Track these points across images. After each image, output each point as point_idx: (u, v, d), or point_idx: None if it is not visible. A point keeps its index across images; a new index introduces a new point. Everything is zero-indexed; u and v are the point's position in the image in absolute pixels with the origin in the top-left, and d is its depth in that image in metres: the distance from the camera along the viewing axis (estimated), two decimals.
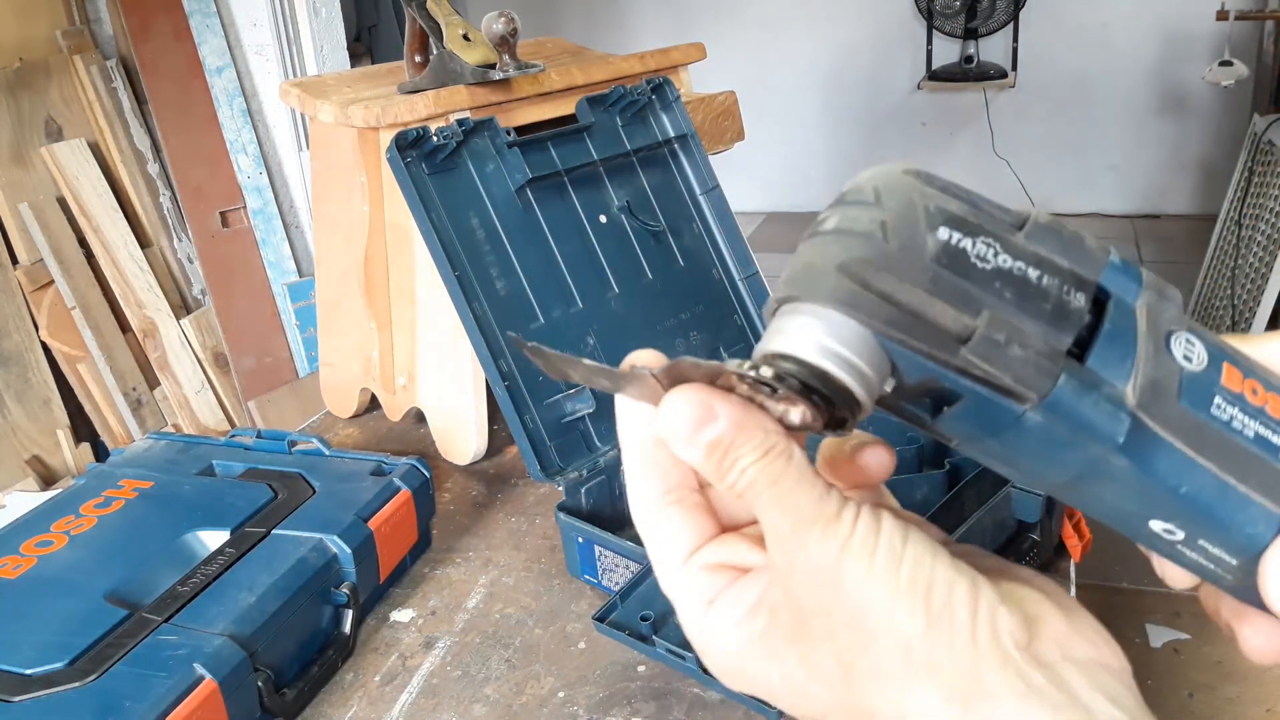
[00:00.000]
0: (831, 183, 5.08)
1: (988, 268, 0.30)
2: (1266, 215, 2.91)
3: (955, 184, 0.31)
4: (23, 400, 2.44)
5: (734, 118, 1.28)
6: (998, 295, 0.30)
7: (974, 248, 0.30)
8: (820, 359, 0.30)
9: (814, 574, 0.31)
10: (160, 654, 0.70)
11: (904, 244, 0.30)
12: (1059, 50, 4.55)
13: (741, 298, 1.10)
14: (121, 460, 0.99)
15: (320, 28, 2.68)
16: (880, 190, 0.31)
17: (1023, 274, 0.30)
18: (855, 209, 0.31)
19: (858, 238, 0.30)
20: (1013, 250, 0.31)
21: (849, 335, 0.30)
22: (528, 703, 0.77)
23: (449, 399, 1.11)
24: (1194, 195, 4.61)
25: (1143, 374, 0.31)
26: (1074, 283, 0.31)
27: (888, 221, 0.30)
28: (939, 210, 0.31)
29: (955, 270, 0.30)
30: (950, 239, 0.30)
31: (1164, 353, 0.31)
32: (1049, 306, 0.30)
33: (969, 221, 0.31)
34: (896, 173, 0.31)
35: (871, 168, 0.32)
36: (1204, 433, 0.31)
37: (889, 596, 0.30)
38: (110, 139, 2.64)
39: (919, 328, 0.30)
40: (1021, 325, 0.30)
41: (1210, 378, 0.31)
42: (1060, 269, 0.31)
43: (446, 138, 0.94)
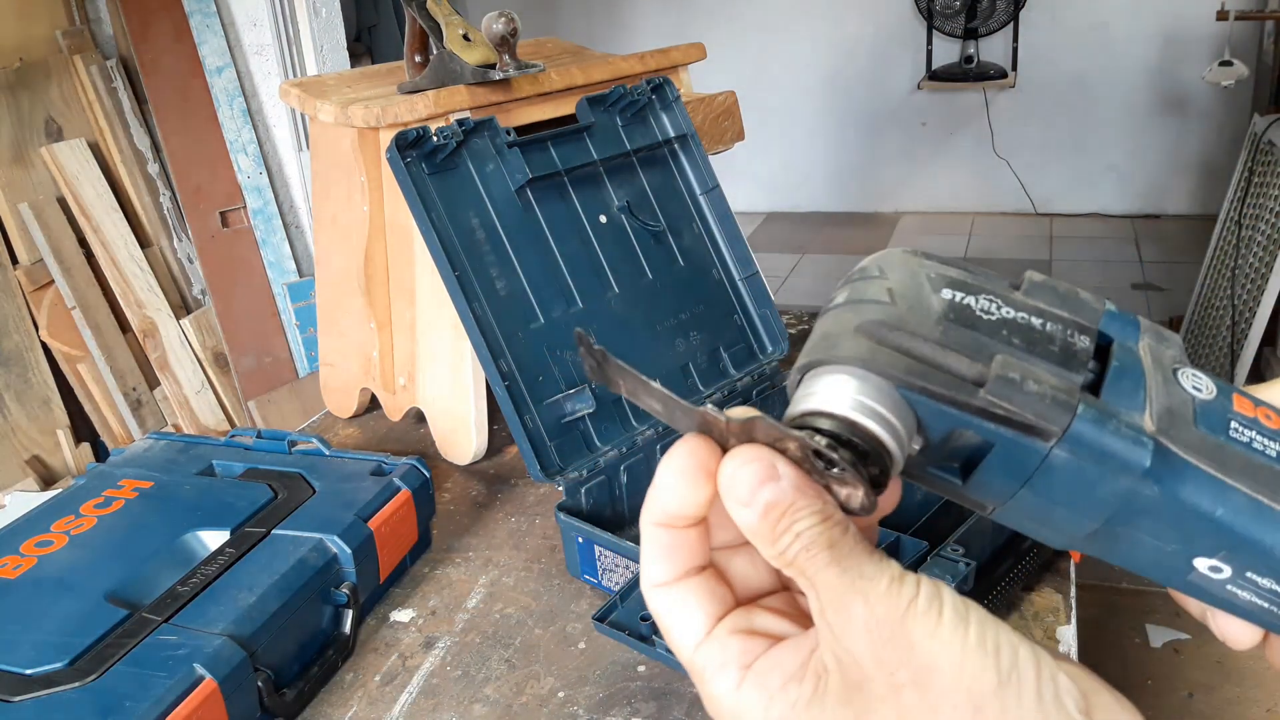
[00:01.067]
0: (831, 183, 5.09)
1: (993, 318, 0.32)
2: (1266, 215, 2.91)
3: (952, 259, 0.35)
4: (23, 400, 2.44)
5: (734, 118, 1.28)
6: (1006, 342, 0.32)
7: (977, 303, 0.33)
8: (851, 412, 0.31)
9: (878, 630, 0.30)
10: (160, 654, 0.70)
11: (912, 305, 0.33)
12: (1059, 50, 4.55)
13: (741, 298, 1.10)
14: (121, 460, 0.99)
15: (320, 28, 2.68)
16: (883, 266, 0.34)
17: (1026, 322, 0.33)
18: (862, 283, 0.34)
19: (869, 304, 0.33)
20: (1013, 303, 0.33)
21: (873, 389, 0.31)
22: (528, 703, 0.77)
23: (449, 399, 1.11)
24: (1194, 195, 4.61)
25: (1157, 403, 0.32)
26: (1076, 328, 0.33)
27: (895, 288, 0.33)
28: (940, 276, 0.34)
29: (963, 323, 0.32)
30: (954, 298, 0.33)
31: (1174, 384, 0.33)
32: (1056, 349, 0.32)
33: (969, 283, 0.33)
34: (897, 253, 0.35)
35: (872, 256, 0.36)
36: (1226, 453, 0.31)
37: (960, 655, 0.30)
38: (110, 139, 2.64)
39: (936, 375, 0.31)
40: (1033, 366, 0.31)
41: (1222, 405, 0.33)
42: (1061, 318, 0.33)
43: (446, 138, 0.94)
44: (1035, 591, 0.85)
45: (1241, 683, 1.93)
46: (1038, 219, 4.79)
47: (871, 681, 0.31)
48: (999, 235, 4.65)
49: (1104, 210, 4.75)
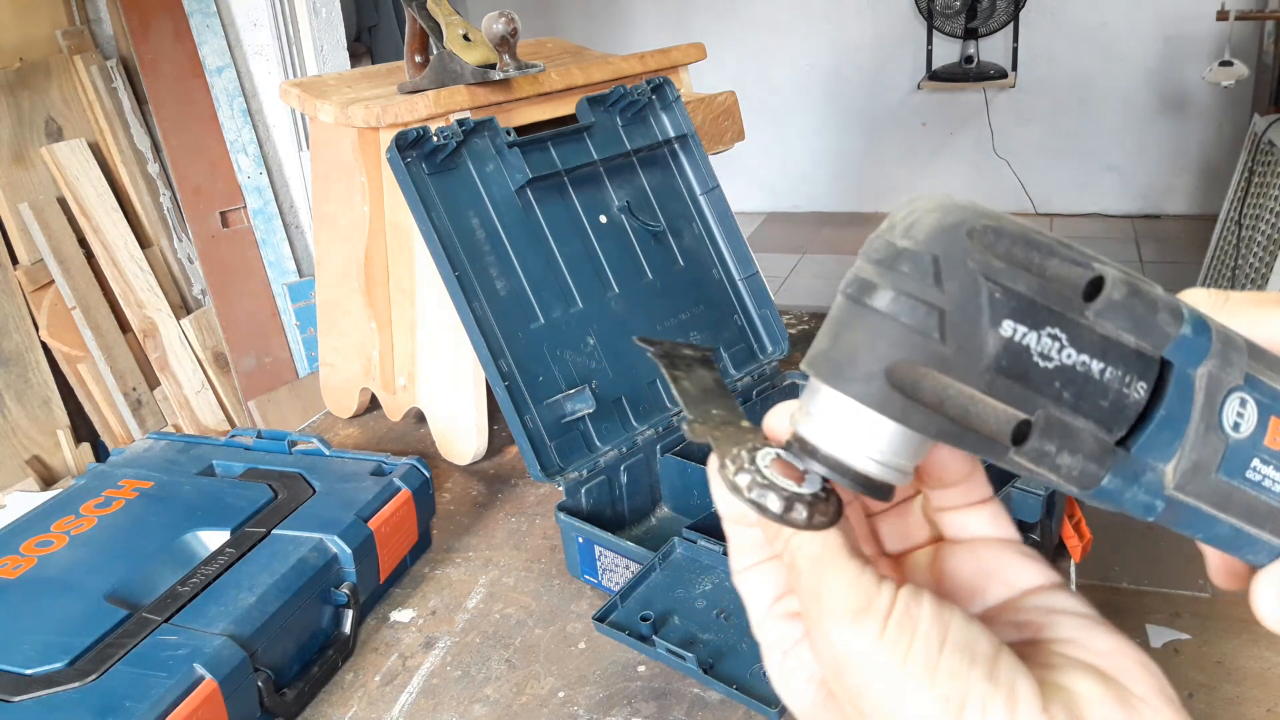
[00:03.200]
0: (831, 183, 5.09)
1: (1050, 366, 0.28)
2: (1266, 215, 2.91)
3: (1024, 235, 0.28)
4: (23, 400, 2.44)
5: (734, 118, 1.28)
6: (1055, 395, 0.29)
7: (1038, 343, 0.28)
8: (867, 465, 0.30)
9: (844, 663, 0.30)
10: (160, 654, 0.70)
11: (962, 344, 0.28)
12: (1059, 50, 4.55)
13: (741, 298, 1.10)
14: (121, 460, 0.99)
15: (320, 28, 2.68)
16: (941, 262, 0.28)
17: (1085, 369, 0.29)
18: (911, 283, 0.28)
19: (912, 335, 0.28)
20: (1078, 340, 0.29)
21: (897, 440, 0.30)
22: (528, 703, 0.77)
23: (449, 399, 1.11)
24: (1194, 195, 4.61)
25: (1187, 458, 0.31)
26: (1137, 369, 0.29)
27: (947, 313, 0.28)
28: (1005, 296, 0.28)
29: (1014, 373, 0.28)
30: (1014, 335, 0.28)
31: (1214, 430, 0.31)
32: (1107, 403, 0.29)
33: (1036, 306, 0.28)
34: (960, 233, 0.28)
35: (930, 203, 0.29)
36: (1233, 497, 0.32)
37: (922, 701, 0.28)
38: (110, 139, 2.64)
39: (969, 437, 0.29)
40: (1075, 424, 0.29)
41: (1254, 441, 0.31)
42: (1125, 353, 0.29)
43: (446, 138, 0.94)
44: None
45: (1241, 683, 1.93)
46: (1038, 219, 4.79)
47: (846, 706, 0.30)
48: None
49: (1104, 210, 4.75)
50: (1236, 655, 1.99)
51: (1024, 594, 0.34)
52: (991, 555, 0.35)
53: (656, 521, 0.97)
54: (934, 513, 0.36)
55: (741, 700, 0.72)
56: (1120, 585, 2.22)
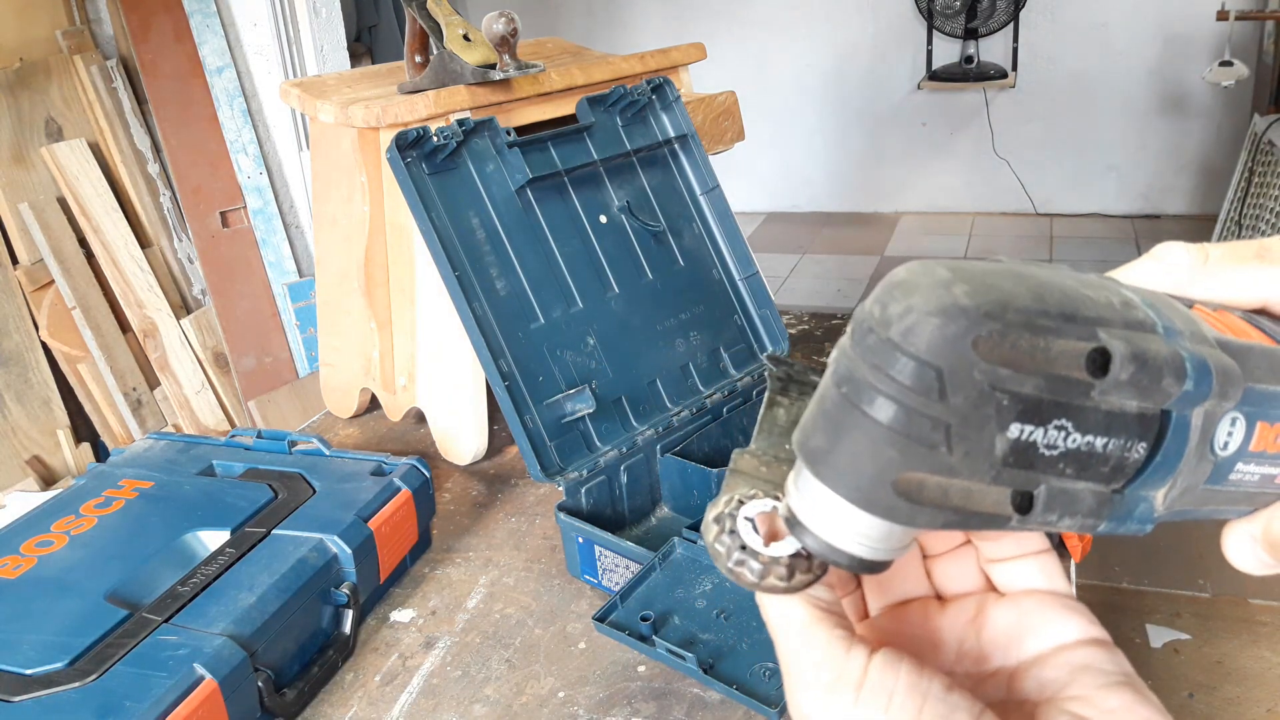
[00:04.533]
0: (831, 183, 5.09)
1: (1055, 453, 0.28)
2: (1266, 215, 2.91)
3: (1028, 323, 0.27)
4: (23, 400, 2.44)
5: (734, 118, 1.28)
6: (1059, 473, 0.29)
7: (1045, 436, 0.28)
8: (861, 551, 0.30)
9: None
10: (160, 654, 0.70)
11: (969, 450, 0.27)
12: (1059, 50, 4.55)
13: (741, 298, 1.10)
14: (121, 460, 0.99)
15: (320, 28, 2.68)
16: (945, 376, 0.27)
17: (1090, 447, 0.29)
18: (914, 398, 0.27)
19: (918, 448, 0.27)
20: (1084, 423, 0.28)
21: (899, 533, 0.30)
22: (528, 703, 0.77)
23: (449, 399, 1.11)
24: (1194, 195, 4.61)
25: (1178, 486, 0.31)
26: (1138, 432, 0.29)
27: (953, 426, 0.27)
28: (1012, 402, 0.27)
29: (1020, 465, 0.28)
30: (1021, 435, 0.27)
31: (1205, 457, 0.31)
32: (1107, 469, 0.29)
33: (1043, 403, 0.27)
34: (965, 344, 0.27)
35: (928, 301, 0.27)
36: (1214, 496, 0.32)
37: None
38: (110, 139, 2.64)
39: (972, 519, 0.29)
40: (1075, 488, 0.29)
41: (1239, 452, 0.32)
42: (1127, 421, 0.29)
43: (446, 138, 0.94)
44: None
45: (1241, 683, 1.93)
46: (1037, 219, 4.79)
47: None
48: (999, 235, 4.65)
49: (1104, 210, 4.75)
50: (1236, 655, 1.99)
51: (1058, 649, 0.33)
52: (1034, 608, 0.35)
53: (656, 521, 0.97)
54: (985, 563, 0.36)
55: (741, 700, 0.72)
56: (1120, 585, 2.22)
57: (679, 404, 1.01)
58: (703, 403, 1.02)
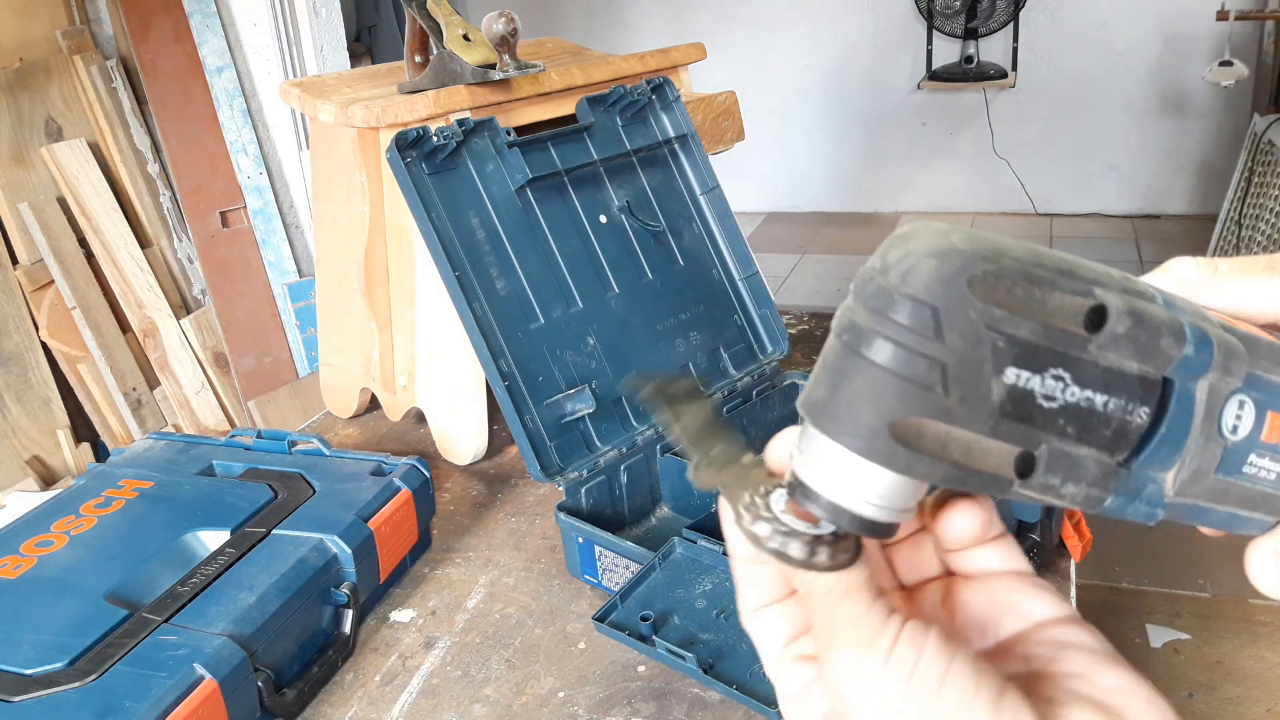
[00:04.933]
0: (831, 183, 5.09)
1: (1054, 406, 0.28)
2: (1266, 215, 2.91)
3: (1025, 272, 0.28)
4: (23, 400, 2.44)
5: (734, 118, 1.28)
6: (1060, 431, 0.29)
7: (1042, 385, 0.28)
8: (867, 510, 0.30)
9: (851, 691, 0.30)
10: (160, 654, 0.70)
11: (965, 395, 0.28)
12: (1059, 50, 4.55)
13: (741, 298, 1.10)
14: (121, 460, 0.99)
15: (320, 28, 2.68)
16: (941, 314, 0.27)
17: (1089, 404, 0.29)
18: (911, 337, 0.27)
19: (914, 389, 0.27)
20: (1082, 376, 0.29)
21: (898, 485, 0.30)
22: (528, 703, 0.77)
23: (449, 399, 1.11)
24: (1194, 195, 4.61)
25: (1187, 468, 0.31)
26: (1139, 395, 0.29)
27: (949, 367, 0.27)
28: (1008, 344, 0.27)
29: (1018, 416, 0.28)
30: (1017, 380, 0.28)
31: (1213, 438, 0.31)
32: (1109, 432, 0.29)
33: (1039, 349, 0.28)
34: (960, 282, 0.27)
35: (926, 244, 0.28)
36: (1230, 490, 0.32)
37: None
38: (110, 139, 2.64)
39: (973, 478, 0.29)
40: (1078, 453, 0.29)
41: (1251, 440, 0.32)
42: (1127, 381, 0.29)
43: (446, 138, 0.94)
44: None
45: (1241, 683, 1.93)
46: (1037, 219, 4.79)
47: None
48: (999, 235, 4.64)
49: (1104, 210, 4.75)
50: (1236, 655, 1.99)
51: (1036, 626, 0.34)
52: (1004, 588, 0.35)
53: (656, 521, 0.97)
54: (944, 553, 0.36)
55: (741, 700, 0.72)
56: (1120, 585, 2.22)
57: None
58: None
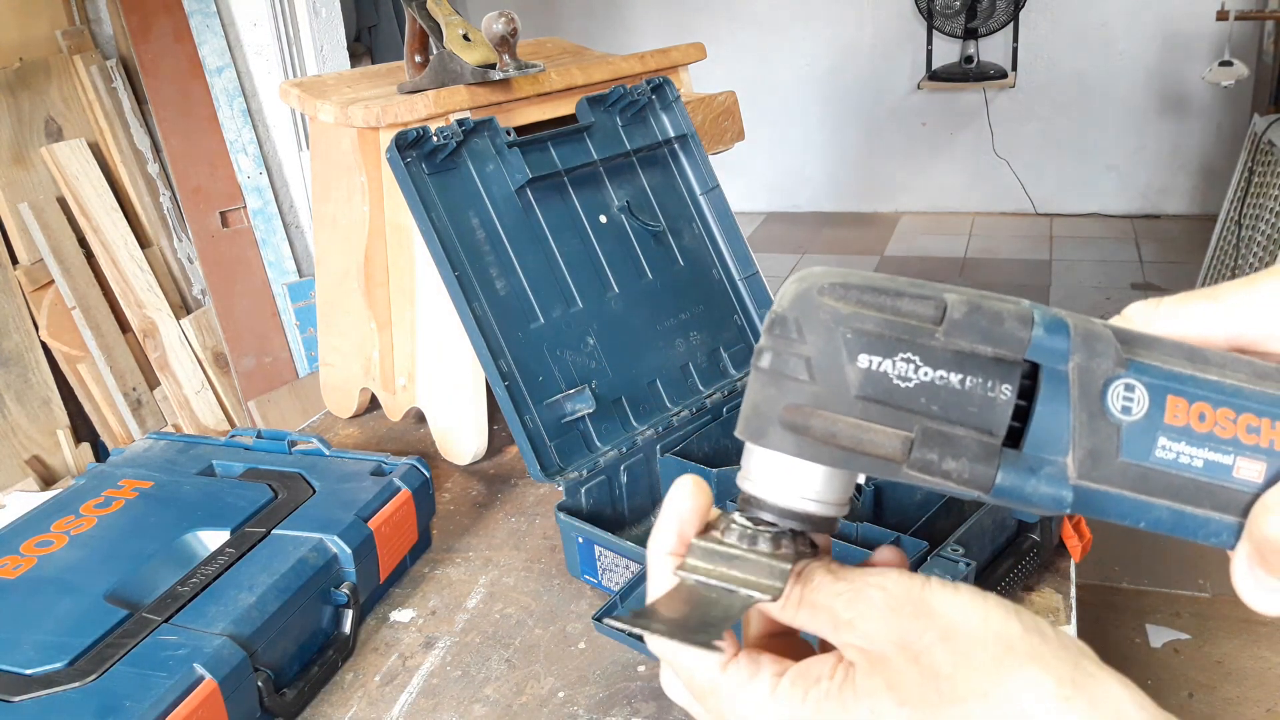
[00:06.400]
0: (831, 183, 5.09)
1: (910, 385, 0.33)
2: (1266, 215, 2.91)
3: (870, 284, 0.33)
4: (23, 400, 2.44)
5: (734, 118, 1.28)
6: (925, 410, 0.33)
7: (894, 368, 0.33)
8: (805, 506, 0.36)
9: (899, 607, 0.34)
10: (160, 654, 0.70)
11: (830, 381, 0.33)
12: (1059, 50, 4.55)
13: (741, 298, 1.10)
14: (121, 460, 0.99)
15: (320, 28, 2.68)
16: (801, 321, 0.34)
17: (945, 382, 0.33)
18: (783, 343, 0.34)
19: (789, 382, 0.34)
20: (932, 358, 0.33)
21: (811, 476, 0.35)
22: (528, 703, 0.77)
23: (449, 399, 1.11)
24: (1194, 195, 4.61)
25: (1079, 446, 0.33)
26: (998, 375, 0.33)
27: (812, 358, 0.33)
28: (856, 336, 0.33)
29: (880, 398, 0.33)
30: (870, 365, 0.33)
31: (1099, 416, 0.33)
32: (975, 409, 0.33)
33: (886, 338, 0.33)
34: (814, 295, 0.34)
35: (795, 281, 0.35)
36: (1150, 478, 0.33)
37: (982, 610, 0.34)
38: (110, 139, 2.64)
39: (860, 460, 0.33)
40: (953, 432, 0.33)
41: (1152, 421, 0.33)
42: (983, 363, 0.33)
43: (446, 138, 0.94)
44: (1035, 592, 0.85)
45: (1241, 683, 1.93)
46: (1037, 219, 4.79)
47: (894, 655, 0.34)
48: (999, 235, 4.65)
49: (1104, 210, 4.75)
50: (1236, 655, 1.99)
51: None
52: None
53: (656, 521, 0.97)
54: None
55: None
56: (1120, 585, 2.22)
57: (679, 404, 1.01)
58: (703, 403, 1.02)
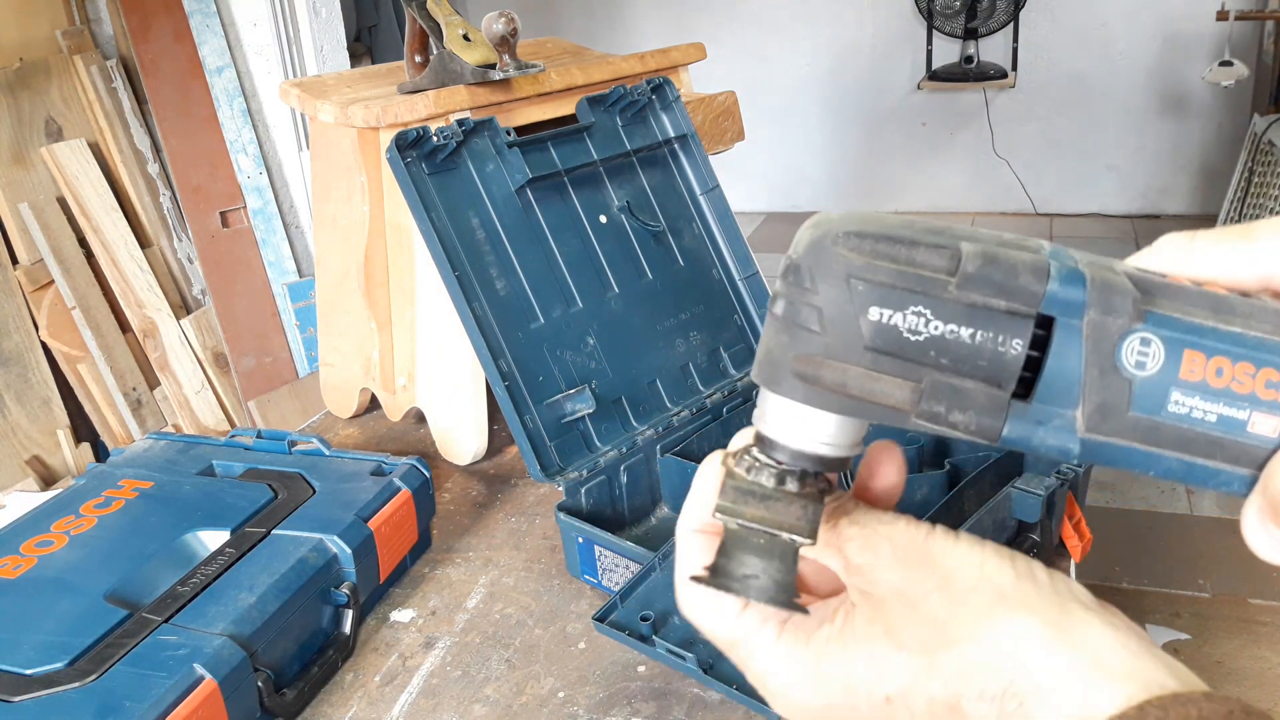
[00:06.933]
0: (831, 183, 5.09)
1: (920, 339, 0.33)
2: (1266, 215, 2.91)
3: (885, 233, 0.33)
4: (23, 400, 2.44)
5: (734, 118, 1.28)
6: (934, 363, 0.33)
7: (905, 321, 0.33)
8: (817, 448, 0.36)
9: (904, 556, 0.36)
10: (160, 654, 0.70)
11: (840, 333, 0.33)
12: (1059, 50, 4.54)
13: (741, 298, 1.10)
14: (121, 460, 0.99)
15: (320, 28, 2.68)
16: (815, 273, 0.34)
17: (955, 336, 0.33)
18: (796, 291, 0.34)
19: (801, 331, 0.34)
20: (944, 312, 0.33)
21: (823, 421, 0.36)
22: (528, 703, 0.77)
23: (449, 399, 1.11)
24: (1194, 195, 4.60)
25: (1089, 400, 0.33)
26: (1010, 329, 0.32)
27: (824, 310, 0.33)
28: (868, 288, 0.33)
29: (890, 349, 0.33)
30: (881, 318, 0.33)
31: (1111, 371, 0.32)
32: (985, 363, 0.33)
33: (898, 290, 0.33)
34: (829, 244, 0.34)
35: (811, 221, 0.35)
36: (1160, 431, 0.33)
37: (979, 558, 0.36)
38: (110, 139, 2.64)
39: (870, 408, 0.34)
40: (962, 385, 0.33)
41: (1166, 377, 0.32)
42: (995, 316, 0.32)
43: (446, 138, 0.94)
44: None
45: (1241, 683, 1.93)
46: (1037, 219, 4.79)
47: (894, 603, 0.36)
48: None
49: (1104, 210, 4.75)
50: (1236, 655, 1.99)
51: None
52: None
53: (656, 521, 0.97)
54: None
55: (741, 700, 0.72)
56: (1120, 585, 2.22)
57: (679, 404, 1.01)
58: (703, 403, 1.02)
